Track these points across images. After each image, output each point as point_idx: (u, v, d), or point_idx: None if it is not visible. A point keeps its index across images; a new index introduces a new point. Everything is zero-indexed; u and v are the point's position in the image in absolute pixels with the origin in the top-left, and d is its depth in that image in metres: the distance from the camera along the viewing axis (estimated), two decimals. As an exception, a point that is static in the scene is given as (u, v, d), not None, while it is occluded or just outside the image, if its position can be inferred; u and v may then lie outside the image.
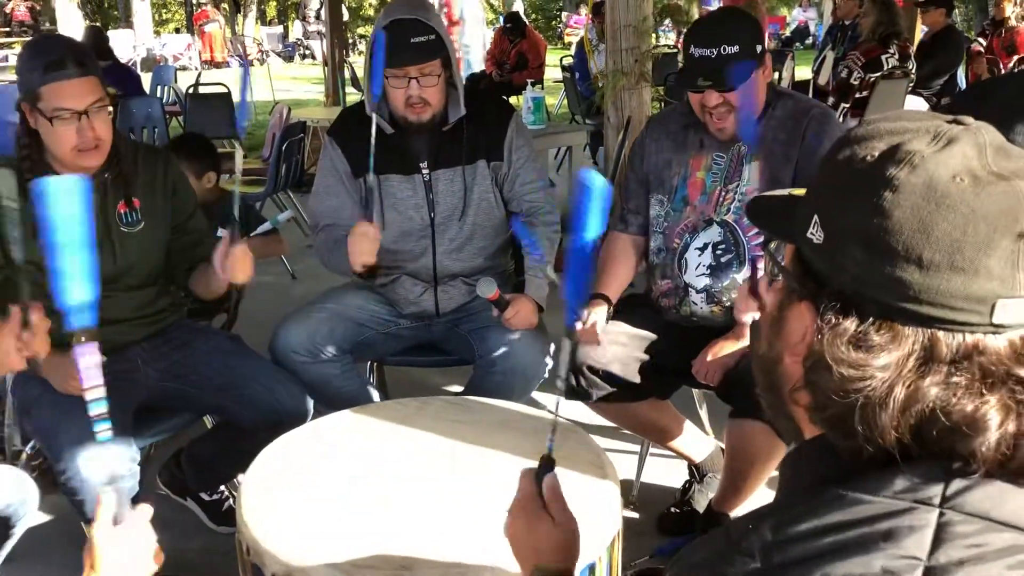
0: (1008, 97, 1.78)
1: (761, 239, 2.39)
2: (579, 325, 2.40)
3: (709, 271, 2.45)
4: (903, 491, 0.79)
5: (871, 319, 0.81)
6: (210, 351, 2.52)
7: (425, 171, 2.70)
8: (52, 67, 2.17)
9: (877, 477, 0.80)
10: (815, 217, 0.86)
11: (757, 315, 1.05)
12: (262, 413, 2.40)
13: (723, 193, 2.44)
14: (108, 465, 2.12)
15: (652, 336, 2.52)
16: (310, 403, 2.51)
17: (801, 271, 0.89)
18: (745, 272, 2.40)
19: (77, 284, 1.25)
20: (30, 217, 2.21)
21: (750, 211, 1.05)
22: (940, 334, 0.79)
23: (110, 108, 2.27)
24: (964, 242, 0.77)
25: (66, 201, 1.24)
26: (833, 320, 0.83)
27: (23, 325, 1.82)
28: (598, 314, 2.48)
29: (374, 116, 2.52)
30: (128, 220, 2.40)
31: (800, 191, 0.97)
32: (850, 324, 0.82)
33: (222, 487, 2.79)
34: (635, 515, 2.74)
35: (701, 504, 2.69)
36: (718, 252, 2.44)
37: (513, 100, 8.95)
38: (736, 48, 2.27)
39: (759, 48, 2.32)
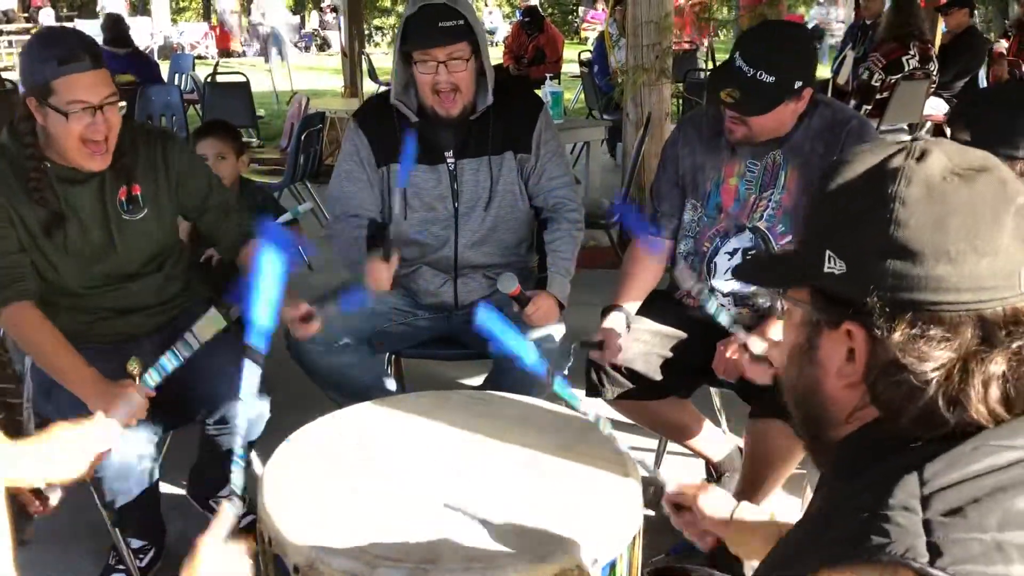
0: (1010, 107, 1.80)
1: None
2: (596, 354, 2.40)
3: None
4: None
5: (922, 318, 0.88)
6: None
7: (451, 160, 2.69)
8: (67, 60, 2.12)
9: (1003, 434, 0.87)
10: (827, 253, 0.94)
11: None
12: (205, 407, 2.35)
13: (757, 201, 2.41)
14: (128, 444, 2.15)
15: (677, 333, 2.51)
16: (256, 414, 2.35)
17: (824, 302, 0.96)
18: None
19: (263, 309, 1.47)
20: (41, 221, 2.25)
21: (743, 278, 1.15)
22: (986, 312, 0.88)
23: (122, 103, 2.26)
24: (977, 228, 0.87)
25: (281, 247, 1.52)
26: (886, 330, 0.89)
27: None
28: (614, 321, 2.46)
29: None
30: (129, 208, 2.37)
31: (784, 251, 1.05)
32: (904, 328, 0.88)
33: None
34: (651, 513, 2.73)
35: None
36: (748, 258, 2.41)
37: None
38: (773, 79, 2.20)
39: (798, 84, 2.23)
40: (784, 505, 2.61)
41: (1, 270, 2.23)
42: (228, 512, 1.40)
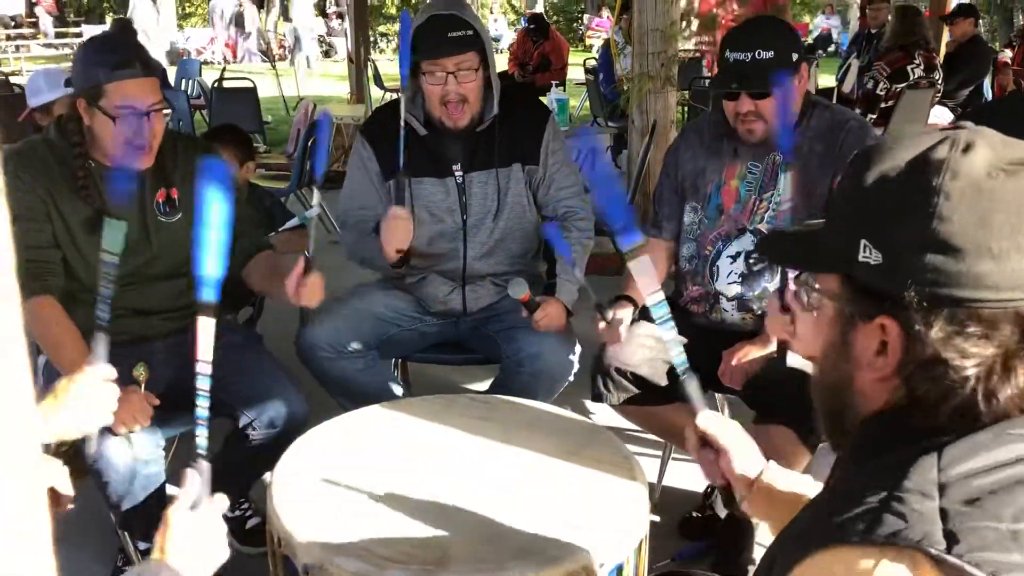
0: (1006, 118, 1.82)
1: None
2: (602, 324, 2.41)
3: (741, 279, 2.45)
4: None
5: (960, 314, 0.87)
6: (222, 347, 2.50)
7: (459, 173, 2.70)
8: (120, 65, 2.20)
9: (1021, 423, 0.87)
10: (862, 242, 0.91)
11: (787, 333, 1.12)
12: (252, 410, 2.36)
13: (757, 202, 2.44)
14: (134, 448, 2.17)
15: (681, 339, 2.52)
16: (306, 411, 2.40)
17: (857, 294, 0.94)
18: (776, 283, 2.39)
19: (210, 259, 1.37)
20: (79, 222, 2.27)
21: (770, 255, 1.11)
22: None
23: (167, 111, 2.30)
24: (1021, 225, 0.85)
25: (222, 185, 1.36)
26: (923, 326, 0.88)
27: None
28: (622, 314, 2.48)
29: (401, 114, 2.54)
30: (165, 210, 2.43)
31: (813, 223, 1.03)
32: (942, 324, 0.88)
33: (246, 503, 2.73)
34: (656, 518, 2.74)
35: (723, 510, 2.69)
36: (751, 261, 2.44)
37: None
38: (771, 54, 2.27)
39: (795, 56, 2.32)
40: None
41: (32, 263, 2.26)
42: (194, 477, 1.36)
